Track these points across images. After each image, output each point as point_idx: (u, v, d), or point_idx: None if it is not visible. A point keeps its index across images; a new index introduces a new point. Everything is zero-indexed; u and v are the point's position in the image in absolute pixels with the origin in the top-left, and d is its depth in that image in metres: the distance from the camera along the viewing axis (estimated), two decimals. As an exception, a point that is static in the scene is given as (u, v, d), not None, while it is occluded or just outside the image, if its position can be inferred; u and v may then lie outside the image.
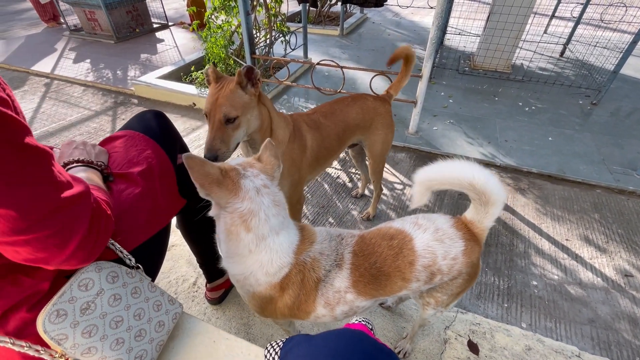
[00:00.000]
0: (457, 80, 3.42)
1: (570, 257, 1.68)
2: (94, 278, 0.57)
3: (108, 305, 0.58)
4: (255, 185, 0.71)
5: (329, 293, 0.80)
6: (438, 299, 0.92)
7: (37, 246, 0.46)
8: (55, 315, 0.51)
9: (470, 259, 0.84)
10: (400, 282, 0.82)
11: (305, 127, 1.29)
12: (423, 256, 0.82)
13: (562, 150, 2.39)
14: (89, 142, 0.82)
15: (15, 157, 0.43)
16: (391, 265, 0.81)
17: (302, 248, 0.80)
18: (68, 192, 0.48)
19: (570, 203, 2.00)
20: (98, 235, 0.53)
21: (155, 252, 0.84)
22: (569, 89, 3.18)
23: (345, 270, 0.81)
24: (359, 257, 0.82)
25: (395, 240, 0.84)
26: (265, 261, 0.75)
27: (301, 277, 0.78)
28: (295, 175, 1.26)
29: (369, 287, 0.81)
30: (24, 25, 5.42)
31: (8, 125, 0.43)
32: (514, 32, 3.19)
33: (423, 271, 0.82)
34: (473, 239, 0.85)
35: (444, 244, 0.83)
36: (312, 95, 3.15)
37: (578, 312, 1.43)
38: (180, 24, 5.36)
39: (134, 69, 3.71)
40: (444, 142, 2.49)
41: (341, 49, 4.32)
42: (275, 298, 0.80)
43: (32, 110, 2.97)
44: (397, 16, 5.93)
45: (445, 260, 0.83)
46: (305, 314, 0.83)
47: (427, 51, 2.16)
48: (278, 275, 0.77)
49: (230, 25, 2.97)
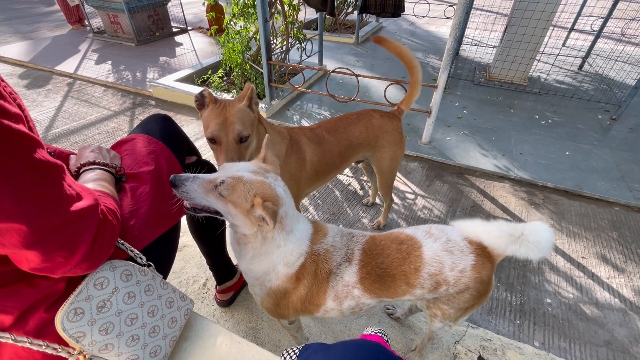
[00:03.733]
0: (472, 91, 3.39)
1: (586, 275, 1.63)
2: (108, 277, 0.58)
3: (123, 303, 0.60)
4: (283, 189, 0.76)
5: (338, 286, 0.84)
6: (445, 312, 0.91)
7: (44, 257, 0.47)
8: (73, 314, 0.53)
9: (479, 275, 0.83)
10: (404, 286, 0.84)
11: (305, 140, 1.28)
12: (430, 264, 0.82)
13: (580, 165, 2.34)
14: (104, 147, 0.85)
15: (26, 173, 0.44)
16: (397, 268, 0.83)
17: (317, 238, 0.85)
18: (77, 206, 0.50)
19: (587, 220, 1.95)
20: (102, 247, 0.55)
21: (166, 250, 0.85)
22: (587, 103, 3.12)
23: (354, 266, 0.84)
24: (368, 255, 0.85)
25: (404, 245, 0.86)
26: (288, 251, 0.80)
27: (314, 267, 0.83)
28: (293, 189, 1.25)
29: (375, 285, 0.84)
30: (51, 26, 5.64)
31: (19, 142, 0.44)
32: (532, 45, 3.16)
33: (428, 279, 0.83)
34: (485, 256, 0.84)
35: (453, 255, 0.83)
36: (325, 102, 3.17)
37: (594, 333, 1.39)
38: (199, 28, 5.49)
39: (152, 71, 3.81)
40: (458, 152, 2.46)
41: (356, 57, 4.35)
42: (289, 291, 0.85)
43: (55, 109, 3.07)
44: (413, 25, 5.95)
45: (453, 272, 0.82)
46: (315, 306, 0.86)
47: (444, 62, 2.15)
48: (295, 264, 0.81)
49: (248, 32, 3.03)
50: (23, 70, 3.92)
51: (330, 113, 3.00)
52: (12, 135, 0.43)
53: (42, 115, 2.96)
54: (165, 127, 0.95)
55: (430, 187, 2.20)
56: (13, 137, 0.43)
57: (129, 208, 0.73)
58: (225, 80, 3.30)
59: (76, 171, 0.75)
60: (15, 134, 0.44)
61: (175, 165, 0.90)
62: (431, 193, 2.15)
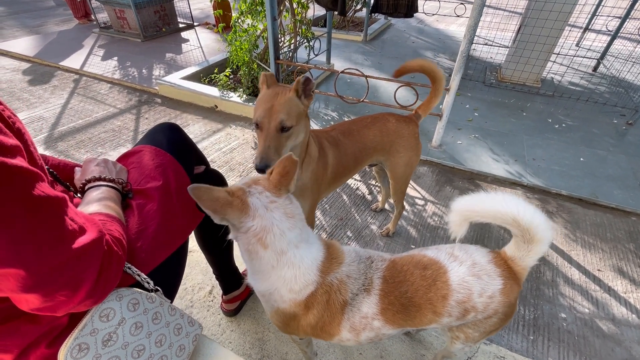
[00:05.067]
0: (483, 92, 3.32)
1: (602, 289, 1.58)
2: (114, 307, 0.55)
3: (130, 335, 0.57)
4: (262, 203, 0.70)
5: (355, 318, 0.78)
6: (469, 335, 0.87)
7: (45, 298, 0.44)
8: (77, 350, 0.50)
9: (508, 299, 0.79)
10: (431, 315, 0.79)
11: (326, 143, 1.25)
12: (457, 291, 0.77)
13: (595, 172, 2.27)
14: (109, 160, 0.81)
15: (24, 215, 0.41)
16: (423, 297, 0.78)
17: (329, 267, 0.78)
18: (79, 242, 0.46)
19: (602, 230, 1.89)
20: (107, 281, 0.52)
21: (174, 271, 0.82)
22: (602, 106, 3.03)
23: (373, 296, 0.78)
24: (390, 284, 0.79)
25: (429, 271, 0.80)
26: (288, 277, 0.73)
27: (327, 297, 0.76)
28: (315, 194, 1.22)
29: (398, 316, 0.78)
30: (57, 21, 5.61)
31: (16, 179, 0.41)
32: (547, 46, 3.07)
33: (456, 307, 0.78)
34: (513, 278, 0.80)
35: (481, 280, 0.78)
36: (333, 102, 3.12)
37: (611, 350, 1.34)
38: (206, 24, 5.44)
39: (158, 68, 3.77)
40: (468, 157, 2.41)
41: (364, 55, 4.28)
42: (299, 316, 0.78)
43: (61, 106, 3.05)
44: (422, 23, 5.84)
45: (482, 298, 0.78)
46: (328, 335, 0.81)
47: (457, 64, 2.09)
48: (303, 292, 0.75)
49: (255, 30, 2.97)
50: (29, 65, 3.90)
51: (338, 114, 2.95)
52: (8, 173, 0.40)
53: (47, 112, 2.94)
54: (173, 138, 0.92)
55: (441, 192, 2.15)
56: (9, 175, 0.40)
57: (135, 228, 0.69)
58: (232, 79, 3.25)
59: (81, 187, 0.72)
60: (11, 171, 0.40)
61: (184, 178, 0.87)
62: (441, 199, 2.10)
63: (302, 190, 1.17)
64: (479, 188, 2.18)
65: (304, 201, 1.20)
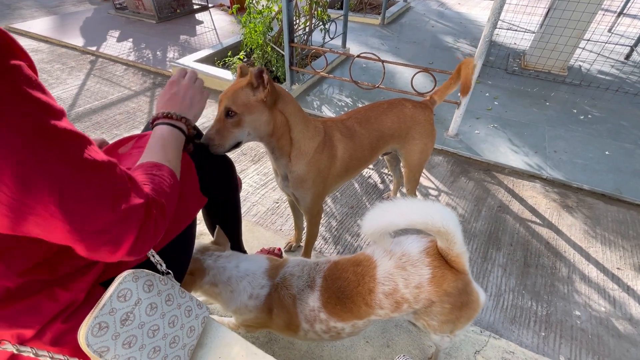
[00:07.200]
0: (505, 80, 3.18)
1: (621, 288, 1.53)
2: (131, 288, 0.56)
3: (145, 315, 0.58)
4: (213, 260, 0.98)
5: (305, 310, 0.91)
6: (430, 324, 0.88)
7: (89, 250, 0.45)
8: (98, 328, 0.51)
9: (440, 288, 0.78)
10: (365, 307, 0.85)
11: (338, 135, 1.22)
12: (383, 284, 0.81)
13: (621, 167, 2.17)
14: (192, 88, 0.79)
15: (73, 175, 0.41)
16: (353, 291, 0.86)
17: (274, 272, 0.97)
18: (124, 205, 0.46)
19: (625, 227, 1.82)
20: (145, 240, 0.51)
21: (183, 254, 0.83)
22: (633, 97, 2.87)
23: (316, 292, 0.91)
24: (328, 281, 0.91)
25: (360, 267, 0.87)
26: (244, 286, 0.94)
27: (278, 295, 0.93)
28: (319, 186, 1.20)
29: (337, 308, 0.88)
30: (74, 1, 5.63)
31: (67, 142, 0.41)
32: (577, 31, 2.90)
33: (385, 299, 0.81)
34: (444, 266, 0.79)
35: (406, 271, 0.80)
36: (347, 88, 3.06)
37: (626, 351, 1.31)
38: (220, 5, 5.36)
39: (173, 50, 3.76)
40: (486, 147, 2.33)
41: (380, 40, 4.15)
42: (267, 323, 0.96)
43: (78, 87, 3.09)
44: (443, 6, 5.60)
45: (408, 289, 0.79)
46: (296, 328, 0.93)
47: (479, 50, 2.00)
48: (261, 296, 0.93)
49: (270, 11, 2.90)
50: (47, 46, 3.95)
51: (352, 100, 2.89)
52: (59, 137, 0.40)
53: (65, 93, 2.99)
54: None
55: (455, 183, 2.10)
56: (60, 139, 0.40)
57: None
58: (246, 62, 3.21)
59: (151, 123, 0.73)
60: (62, 135, 0.40)
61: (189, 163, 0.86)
62: (456, 190, 2.05)
63: (300, 181, 1.16)
64: (494, 180, 2.12)
65: (304, 192, 1.19)
